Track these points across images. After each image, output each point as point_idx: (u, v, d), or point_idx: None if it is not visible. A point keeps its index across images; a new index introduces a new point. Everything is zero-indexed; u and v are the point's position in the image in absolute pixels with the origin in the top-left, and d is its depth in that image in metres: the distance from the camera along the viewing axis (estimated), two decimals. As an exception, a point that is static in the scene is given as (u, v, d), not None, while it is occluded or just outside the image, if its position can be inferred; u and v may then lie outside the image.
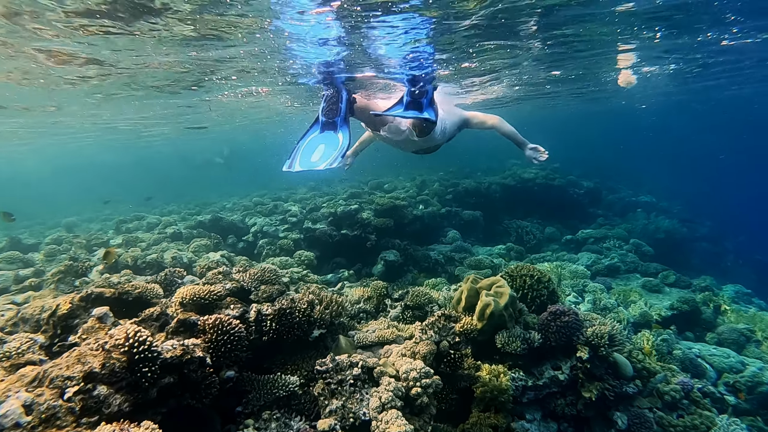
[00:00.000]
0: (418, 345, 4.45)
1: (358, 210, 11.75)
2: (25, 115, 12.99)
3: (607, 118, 50.22)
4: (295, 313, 4.81)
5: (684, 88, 19.27)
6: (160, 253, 8.33)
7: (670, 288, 10.55)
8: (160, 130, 22.13)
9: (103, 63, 7.51)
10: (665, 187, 28.80)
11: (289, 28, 6.05)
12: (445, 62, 8.47)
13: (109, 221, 14.33)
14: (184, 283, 5.72)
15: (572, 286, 9.50)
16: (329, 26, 6.00)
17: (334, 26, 6.02)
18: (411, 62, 7.90)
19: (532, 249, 14.28)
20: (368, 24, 5.98)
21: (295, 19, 5.69)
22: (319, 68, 8.16)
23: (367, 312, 6.59)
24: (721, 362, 7.80)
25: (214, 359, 3.81)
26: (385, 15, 5.66)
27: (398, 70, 8.24)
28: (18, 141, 20.96)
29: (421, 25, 6.22)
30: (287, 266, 8.79)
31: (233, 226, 12.34)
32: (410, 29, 6.31)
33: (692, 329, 9.14)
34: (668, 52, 9.71)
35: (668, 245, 17.07)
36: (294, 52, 7.13)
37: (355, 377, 3.99)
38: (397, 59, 7.64)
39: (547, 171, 18.01)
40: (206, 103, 12.92)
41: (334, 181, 21.41)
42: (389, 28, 6.19)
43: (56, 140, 22.71)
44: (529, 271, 7.22)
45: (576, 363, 5.45)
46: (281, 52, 7.16)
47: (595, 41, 8.14)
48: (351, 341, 4.90)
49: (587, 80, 13.19)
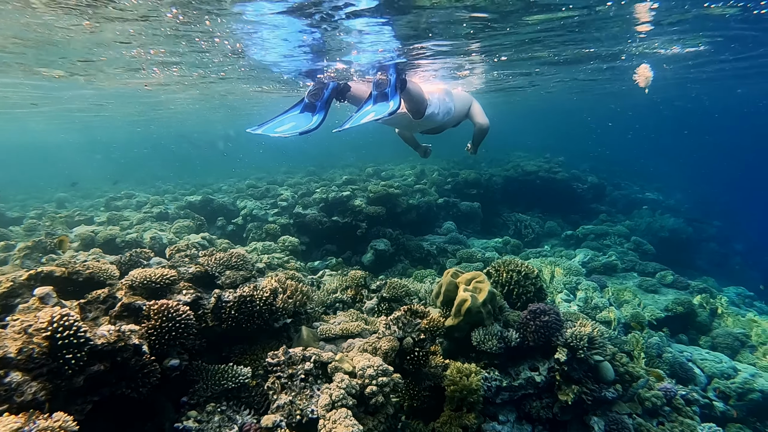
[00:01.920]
0: (381, 341, 4.22)
1: (350, 197, 11.48)
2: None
3: (622, 112, 49.38)
4: (256, 302, 4.60)
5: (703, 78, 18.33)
6: (140, 233, 8.17)
7: (667, 289, 10.22)
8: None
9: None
10: (677, 185, 28.28)
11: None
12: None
13: (101, 198, 14.16)
14: (150, 264, 5.51)
15: (565, 284, 9.22)
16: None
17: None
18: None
19: (531, 243, 13.98)
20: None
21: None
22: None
23: (344, 302, 6.38)
24: (713, 367, 7.51)
25: (157, 347, 3.60)
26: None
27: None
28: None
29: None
30: (270, 251, 8.58)
31: (223, 209, 12.13)
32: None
33: (687, 332, 8.85)
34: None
35: (673, 244, 16.71)
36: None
37: (306, 372, 3.78)
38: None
39: (551, 164, 17.61)
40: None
41: (337, 167, 21.22)
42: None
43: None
44: (517, 266, 6.96)
45: (554, 365, 5.20)
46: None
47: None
48: (314, 333, 4.68)
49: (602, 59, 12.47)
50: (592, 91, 22.77)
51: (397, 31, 6.99)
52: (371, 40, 7.21)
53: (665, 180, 27.33)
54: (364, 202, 11.45)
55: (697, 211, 22.48)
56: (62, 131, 36.72)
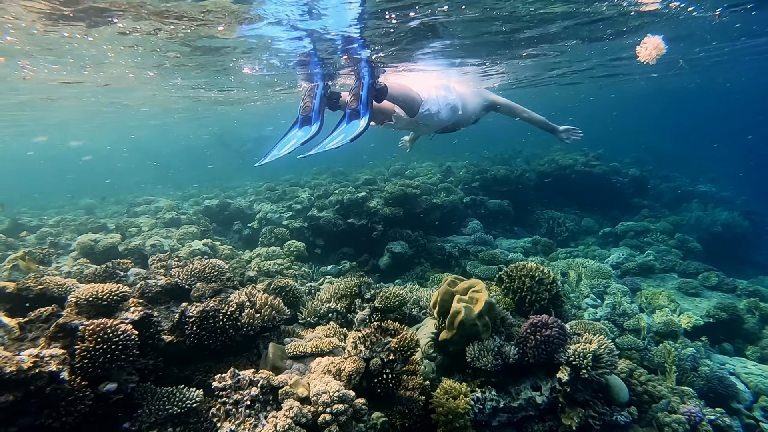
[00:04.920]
0: (346, 361, 3.81)
1: (366, 198, 11.08)
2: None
3: (674, 98, 46.42)
4: (220, 317, 4.29)
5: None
6: (144, 240, 8.08)
7: (711, 292, 9.26)
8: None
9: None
10: (733, 175, 26.31)
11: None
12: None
13: (122, 204, 14.30)
14: (128, 276, 5.32)
15: (592, 287, 8.48)
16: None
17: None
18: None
19: (565, 242, 13.15)
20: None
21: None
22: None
23: (338, 312, 5.99)
24: (760, 382, 6.67)
25: (90, 370, 3.33)
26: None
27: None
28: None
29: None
30: (274, 257, 8.31)
31: (240, 213, 12.00)
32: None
33: (732, 341, 7.95)
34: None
35: (726, 240, 15.43)
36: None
37: (252, 398, 3.42)
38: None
39: (588, 157, 16.58)
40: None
41: (367, 166, 20.89)
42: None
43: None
44: (530, 270, 6.42)
45: (556, 384, 4.64)
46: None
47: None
48: (282, 350, 4.32)
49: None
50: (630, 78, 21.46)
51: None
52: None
53: (720, 169, 25.45)
54: (381, 203, 11.03)
55: (756, 202, 20.79)
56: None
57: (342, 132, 5.26)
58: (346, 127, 5.28)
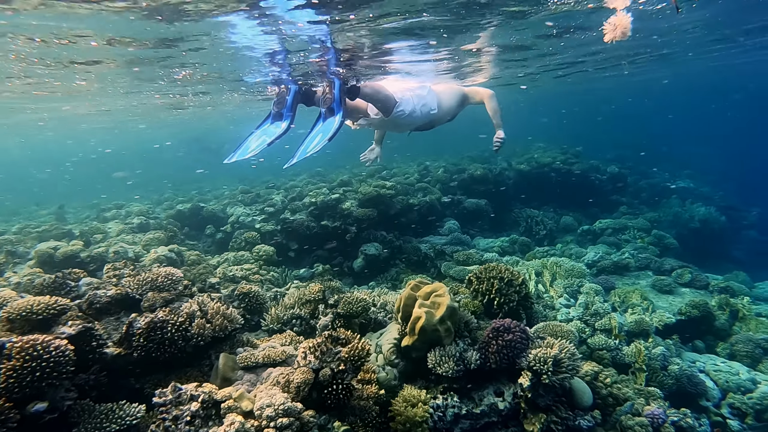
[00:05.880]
0: (295, 372, 3.68)
1: (340, 200, 10.93)
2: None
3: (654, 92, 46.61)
4: (168, 328, 4.14)
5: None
6: (107, 247, 7.86)
7: (685, 288, 9.25)
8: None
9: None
10: (714, 170, 26.50)
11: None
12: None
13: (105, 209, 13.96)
14: (79, 286, 5.13)
15: (566, 287, 8.42)
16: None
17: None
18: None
19: (543, 241, 13.11)
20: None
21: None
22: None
23: (302, 318, 5.86)
24: (728, 379, 6.65)
25: (17, 390, 3.16)
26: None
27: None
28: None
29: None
30: (242, 261, 8.15)
31: (213, 216, 11.80)
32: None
33: (704, 338, 7.93)
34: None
35: (704, 236, 15.58)
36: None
37: (192, 414, 3.27)
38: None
39: (567, 155, 16.59)
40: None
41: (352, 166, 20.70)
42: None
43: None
44: (499, 272, 6.34)
45: (518, 390, 4.55)
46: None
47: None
48: (234, 361, 4.17)
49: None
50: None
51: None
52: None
53: (698, 166, 25.63)
54: (355, 205, 10.89)
55: (734, 197, 20.98)
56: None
57: (320, 132, 5.36)
58: (323, 126, 5.40)
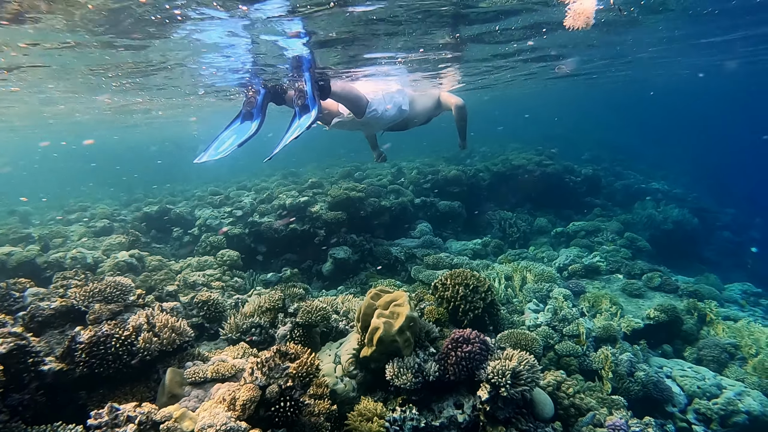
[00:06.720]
0: (241, 389, 3.52)
1: (309, 202, 10.74)
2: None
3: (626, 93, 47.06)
4: (112, 342, 3.95)
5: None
6: (65, 252, 7.57)
7: (654, 292, 9.29)
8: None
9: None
10: (688, 171, 26.90)
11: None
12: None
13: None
14: (25, 297, 4.91)
15: (535, 291, 8.37)
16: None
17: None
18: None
19: (516, 243, 13.09)
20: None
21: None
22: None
23: (261, 327, 5.69)
24: (694, 385, 6.66)
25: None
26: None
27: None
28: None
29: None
30: (206, 267, 7.93)
31: (181, 219, 11.51)
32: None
33: (673, 342, 7.96)
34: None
35: (678, 237, 15.71)
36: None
37: (127, 438, 3.10)
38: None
39: (542, 156, 16.61)
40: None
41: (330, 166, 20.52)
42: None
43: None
44: (465, 278, 6.24)
45: (477, 403, 4.46)
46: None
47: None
48: (181, 376, 4.00)
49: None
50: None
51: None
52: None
53: (672, 167, 25.99)
54: (324, 208, 10.71)
55: (708, 198, 21.28)
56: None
57: (297, 127, 5.34)
58: (300, 122, 5.38)
